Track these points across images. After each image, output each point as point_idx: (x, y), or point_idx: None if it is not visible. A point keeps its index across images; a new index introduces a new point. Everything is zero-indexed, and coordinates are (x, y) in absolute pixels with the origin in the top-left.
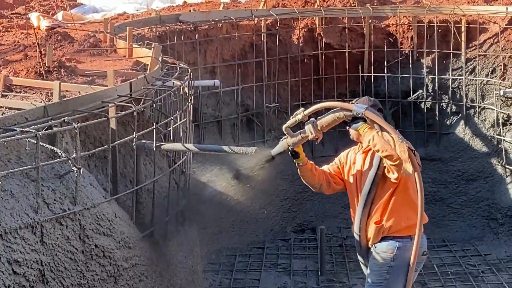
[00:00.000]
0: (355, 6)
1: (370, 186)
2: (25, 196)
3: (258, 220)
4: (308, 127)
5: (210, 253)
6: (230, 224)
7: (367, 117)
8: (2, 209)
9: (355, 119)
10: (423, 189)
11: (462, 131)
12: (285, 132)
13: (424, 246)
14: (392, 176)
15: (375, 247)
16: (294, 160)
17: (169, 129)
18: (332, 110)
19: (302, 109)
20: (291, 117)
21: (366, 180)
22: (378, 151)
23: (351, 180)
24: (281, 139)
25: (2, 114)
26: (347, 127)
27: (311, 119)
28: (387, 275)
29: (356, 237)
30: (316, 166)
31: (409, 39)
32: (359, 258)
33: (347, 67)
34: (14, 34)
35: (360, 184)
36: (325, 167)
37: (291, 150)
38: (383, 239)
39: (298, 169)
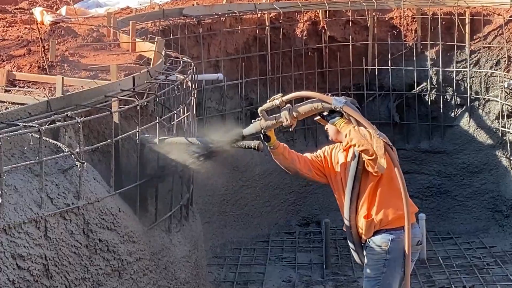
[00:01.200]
0: None
1: (353, 182)
2: (28, 190)
3: (262, 214)
4: (284, 113)
5: (215, 247)
6: (234, 218)
7: (345, 111)
8: (6, 204)
9: (332, 112)
10: (405, 183)
11: (466, 123)
12: (260, 115)
13: (418, 236)
14: (372, 170)
15: (369, 242)
16: (266, 144)
17: (172, 123)
18: (310, 100)
19: (280, 94)
20: (268, 100)
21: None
22: (354, 145)
23: (337, 179)
24: (253, 121)
25: (6, 109)
26: (325, 127)
27: (288, 105)
28: (384, 268)
29: (348, 234)
30: (291, 151)
31: (413, 32)
32: (354, 255)
33: (351, 60)
34: (17, 29)
35: (345, 182)
36: (307, 155)
37: (263, 133)
38: (376, 233)
39: (270, 153)
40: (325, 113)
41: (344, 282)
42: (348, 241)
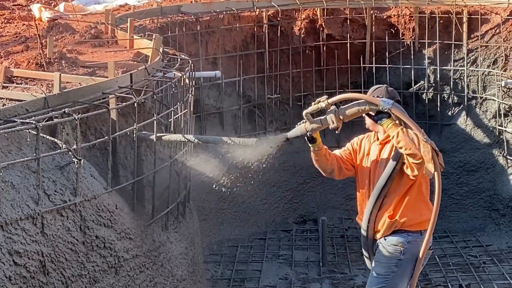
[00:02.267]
0: None
1: (387, 180)
2: (25, 187)
3: (259, 211)
4: (330, 116)
5: (212, 244)
6: (231, 215)
7: (393, 113)
8: (3, 200)
9: (379, 113)
10: (441, 189)
11: (463, 122)
12: (305, 118)
13: (431, 242)
14: (411, 173)
15: (385, 240)
16: (310, 145)
17: (170, 120)
18: (356, 102)
19: (325, 96)
20: (313, 103)
21: (381, 172)
22: (401, 148)
23: (364, 170)
24: (298, 123)
25: (3, 105)
26: (370, 119)
27: (333, 107)
28: (396, 268)
29: (364, 228)
30: (330, 151)
31: (411, 30)
32: (363, 250)
33: (348, 58)
34: (15, 25)
35: (374, 176)
36: (336, 152)
37: (309, 136)
38: (394, 232)
39: (312, 154)
40: (372, 113)
41: (341, 279)
42: (361, 235)
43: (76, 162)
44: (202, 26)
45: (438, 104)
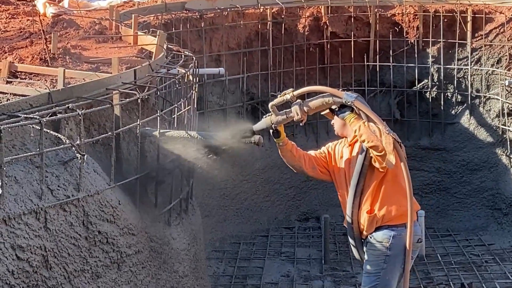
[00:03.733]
0: None
1: (358, 177)
2: (29, 182)
3: (262, 209)
4: (295, 108)
5: (214, 241)
6: (234, 212)
7: (356, 106)
8: (6, 195)
9: (343, 107)
10: (410, 180)
11: (467, 121)
12: (270, 110)
13: (418, 234)
14: (379, 166)
15: (371, 237)
16: (275, 140)
17: (173, 116)
18: (321, 95)
19: (291, 89)
20: (278, 95)
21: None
22: (364, 141)
23: (340, 173)
24: (264, 116)
25: (7, 100)
26: (331, 122)
27: (298, 100)
28: (384, 264)
29: (349, 229)
30: (298, 148)
31: (415, 29)
32: (353, 251)
33: (352, 56)
34: (20, 21)
35: (349, 177)
36: (311, 152)
37: (273, 128)
38: (378, 229)
39: (278, 150)
40: (335, 108)
41: (343, 277)
42: (349, 237)
43: (79, 158)
44: (206, 23)
45: (442, 102)
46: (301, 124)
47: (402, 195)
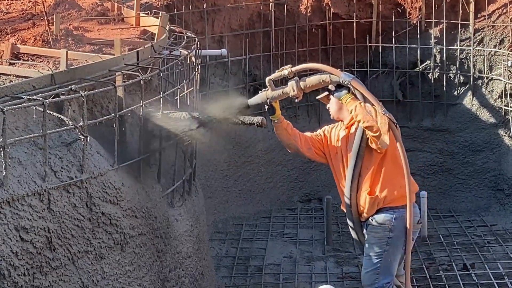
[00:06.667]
0: None
1: (356, 159)
2: (32, 163)
3: (265, 190)
4: (291, 84)
5: (217, 222)
6: (237, 193)
7: (353, 86)
8: (10, 177)
9: (339, 87)
10: (407, 160)
11: (469, 102)
12: (267, 85)
13: (417, 215)
14: (375, 146)
15: (372, 220)
16: (270, 117)
17: (176, 98)
18: (319, 73)
19: (289, 65)
20: (276, 71)
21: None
22: (359, 121)
23: (337, 156)
24: (260, 91)
25: (10, 82)
26: (327, 106)
27: (295, 77)
28: (387, 246)
29: (348, 212)
30: (294, 128)
31: (417, 9)
32: (352, 233)
33: (354, 37)
34: (22, 2)
35: (346, 159)
36: (307, 134)
37: (268, 104)
38: (379, 211)
39: (274, 128)
40: (332, 88)
41: (345, 258)
42: (348, 220)
43: (82, 139)
44: (208, 4)
45: (444, 84)
46: (296, 100)
47: (402, 177)
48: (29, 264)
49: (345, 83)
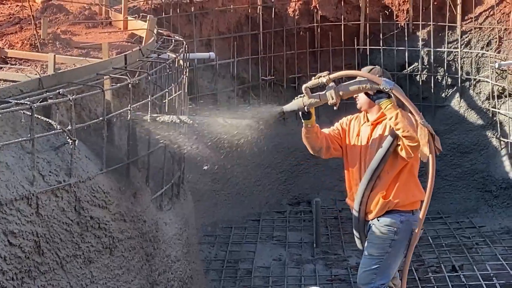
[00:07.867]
0: None
1: (380, 162)
2: (20, 168)
3: (253, 193)
4: (330, 92)
5: (206, 225)
6: (225, 196)
7: (394, 94)
8: None
9: (378, 92)
10: (435, 172)
11: (457, 103)
12: (304, 92)
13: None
14: (405, 155)
15: (378, 220)
16: (304, 121)
17: (164, 101)
18: (358, 79)
19: (326, 72)
20: (313, 77)
21: (372, 153)
22: (399, 129)
23: (354, 151)
24: (295, 98)
25: None
26: (368, 98)
27: (332, 84)
28: (389, 248)
29: (356, 210)
30: (321, 130)
31: (405, 12)
32: (355, 231)
33: (342, 39)
34: (9, 6)
35: (365, 157)
36: (325, 130)
37: (305, 111)
38: (387, 213)
39: (304, 130)
40: (371, 93)
41: (334, 260)
42: (353, 213)
43: (70, 143)
44: (196, 7)
45: (432, 86)
46: (335, 108)
47: (415, 184)
48: (17, 268)
49: (386, 90)
